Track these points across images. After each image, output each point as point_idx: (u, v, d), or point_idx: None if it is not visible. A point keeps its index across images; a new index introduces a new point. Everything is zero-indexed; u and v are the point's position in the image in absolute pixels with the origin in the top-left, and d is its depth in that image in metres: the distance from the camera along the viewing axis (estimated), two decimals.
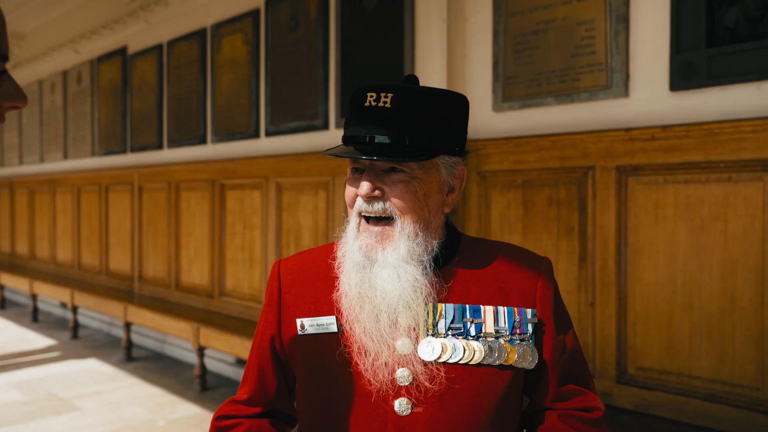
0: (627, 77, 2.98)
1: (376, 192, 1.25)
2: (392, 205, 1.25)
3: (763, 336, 2.54)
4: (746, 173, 2.57)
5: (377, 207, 1.26)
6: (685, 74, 2.76)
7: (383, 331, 1.24)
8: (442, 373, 1.23)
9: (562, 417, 1.30)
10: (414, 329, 1.25)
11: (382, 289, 1.24)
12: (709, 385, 2.68)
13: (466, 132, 1.33)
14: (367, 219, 1.28)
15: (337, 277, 1.31)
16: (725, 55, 2.64)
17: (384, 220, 1.26)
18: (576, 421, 1.29)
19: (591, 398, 1.32)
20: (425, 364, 1.23)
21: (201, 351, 4.93)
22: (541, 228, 3.21)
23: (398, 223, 1.25)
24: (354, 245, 1.29)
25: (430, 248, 1.27)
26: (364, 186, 1.25)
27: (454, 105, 1.30)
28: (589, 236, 3.03)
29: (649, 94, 2.92)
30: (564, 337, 1.32)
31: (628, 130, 2.89)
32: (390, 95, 1.23)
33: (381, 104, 1.23)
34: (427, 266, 1.26)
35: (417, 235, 1.25)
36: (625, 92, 2.98)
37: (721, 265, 2.65)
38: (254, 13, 5.09)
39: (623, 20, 2.97)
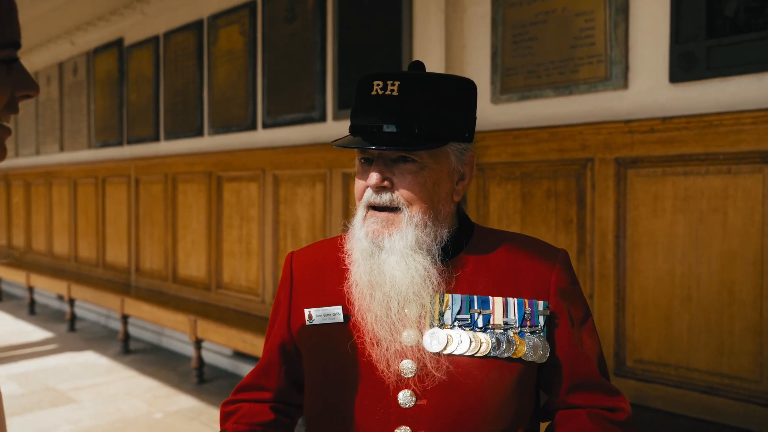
0: (626, 69, 2.96)
1: (385, 182, 1.23)
2: (400, 195, 1.22)
3: (761, 328, 2.53)
4: (746, 165, 2.56)
5: (385, 198, 1.23)
6: (684, 65, 2.74)
7: (392, 319, 1.22)
8: (447, 365, 1.21)
9: (592, 417, 1.25)
10: (421, 320, 1.23)
11: (392, 276, 1.21)
12: (707, 377, 2.67)
13: (474, 117, 1.31)
14: (375, 209, 1.26)
15: (345, 269, 1.29)
16: (725, 46, 2.62)
17: (391, 209, 1.24)
18: (606, 422, 1.24)
19: (616, 399, 1.27)
20: (430, 355, 1.21)
21: (198, 343, 4.92)
22: (539, 220, 3.20)
23: (405, 213, 1.22)
24: (360, 233, 1.26)
25: (439, 238, 1.24)
26: (373, 176, 1.23)
27: (462, 90, 1.28)
28: (588, 229, 3.02)
29: (649, 86, 2.91)
30: (580, 331, 1.27)
31: (627, 122, 2.87)
32: (397, 83, 1.21)
33: (388, 92, 1.21)
34: (436, 256, 1.24)
35: (426, 225, 1.22)
36: (625, 84, 2.96)
37: (719, 258, 2.64)
38: (251, 5, 5.06)
39: (623, 11, 2.95)
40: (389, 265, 1.22)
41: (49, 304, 8.26)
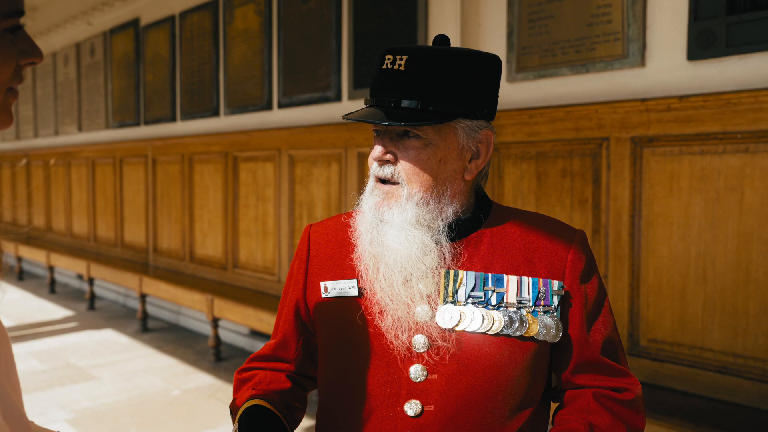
0: (644, 46, 2.92)
1: (388, 156, 1.23)
2: (402, 170, 1.22)
3: None
4: (764, 144, 2.53)
5: (387, 171, 1.24)
6: (703, 43, 2.70)
7: (400, 293, 1.22)
8: (459, 342, 1.21)
9: (597, 397, 1.25)
10: (434, 296, 1.23)
11: (393, 249, 1.22)
12: (721, 357, 2.67)
13: (494, 94, 1.27)
14: (380, 181, 1.26)
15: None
16: (745, 23, 2.58)
17: (393, 183, 1.24)
18: (611, 402, 1.24)
19: (624, 380, 1.27)
20: (442, 331, 1.22)
21: (215, 322, 4.98)
22: (554, 200, 3.19)
23: (405, 189, 1.22)
24: (365, 206, 1.27)
25: (444, 215, 1.24)
26: (376, 150, 1.24)
27: (479, 65, 1.24)
28: (603, 208, 3.01)
29: (666, 64, 2.87)
30: (594, 311, 1.26)
31: (643, 100, 2.84)
32: (404, 57, 1.19)
33: (396, 67, 1.20)
34: (440, 232, 1.23)
35: (427, 203, 1.22)
36: (642, 62, 2.93)
37: (736, 238, 2.62)
38: None
39: None
40: (389, 237, 1.22)
41: (69, 283, 8.39)
